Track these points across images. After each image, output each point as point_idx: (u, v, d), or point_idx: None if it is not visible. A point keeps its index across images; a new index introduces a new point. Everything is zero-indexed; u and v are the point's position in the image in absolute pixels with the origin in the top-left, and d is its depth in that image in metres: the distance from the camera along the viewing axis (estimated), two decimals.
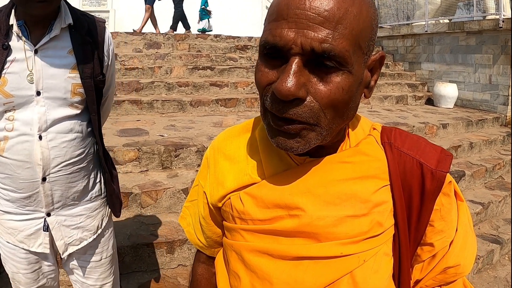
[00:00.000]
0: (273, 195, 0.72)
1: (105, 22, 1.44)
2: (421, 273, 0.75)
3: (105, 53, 1.40)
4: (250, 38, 7.93)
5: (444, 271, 0.73)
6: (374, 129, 0.78)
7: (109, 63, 1.44)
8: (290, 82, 0.57)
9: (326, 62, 0.58)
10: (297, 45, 0.58)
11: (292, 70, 0.58)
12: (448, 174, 0.70)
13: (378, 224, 0.69)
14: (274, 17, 0.61)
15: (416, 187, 0.70)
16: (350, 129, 0.75)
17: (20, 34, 1.23)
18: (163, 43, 6.78)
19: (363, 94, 0.69)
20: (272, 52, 0.62)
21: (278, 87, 0.58)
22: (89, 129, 1.40)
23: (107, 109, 1.60)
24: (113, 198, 1.53)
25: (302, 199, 0.70)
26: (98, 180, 1.49)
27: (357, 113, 0.72)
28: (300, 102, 0.59)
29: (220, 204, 0.80)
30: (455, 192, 0.74)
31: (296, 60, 0.58)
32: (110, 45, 1.43)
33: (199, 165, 3.41)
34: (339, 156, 0.72)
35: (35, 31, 1.25)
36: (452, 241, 0.72)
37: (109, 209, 1.56)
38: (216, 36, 7.65)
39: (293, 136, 0.62)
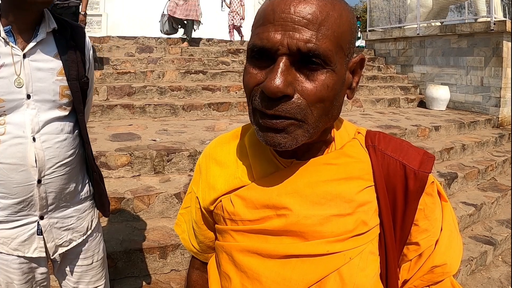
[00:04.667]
0: (261, 196, 0.75)
1: (84, 28, 1.48)
2: (409, 272, 0.76)
3: (87, 56, 1.45)
4: (242, 42, 7.94)
5: (431, 271, 0.74)
6: (358, 133, 0.81)
7: (90, 66, 1.50)
8: (278, 80, 0.61)
9: (312, 59, 0.62)
10: (283, 45, 0.62)
11: (280, 69, 0.62)
12: (430, 174, 0.73)
13: (363, 223, 0.71)
14: (261, 22, 0.65)
15: (399, 188, 0.73)
16: (335, 133, 0.78)
17: (7, 40, 1.24)
18: (155, 47, 6.77)
19: (345, 96, 0.73)
20: (260, 55, 0.65)
21: (268, 85, 0.62)
22: (77, 129, 1.43)
23: (89, 109, 1.64)
24: (103, 198, 1.56)
25: (289, 199, 0.73)
26: (86, 181, 1.52)
27: (347, 117, 0.74)
28: (288, 99, 0.63)
29: (212, 207, 0.83)
30: (439, 193, 0.76)
31: (283, 60, 0.62)
32: (90, 50, 1.49)
33: (191, 170, 3.40)
34: (324, 158, 0.76)
35: (21, 37, 1.27)
36: (438, 240, 0.74)
37: (97, 211, 1.58)
38: (208, 40, 7.66)
39: (280, 131, 0.65)
